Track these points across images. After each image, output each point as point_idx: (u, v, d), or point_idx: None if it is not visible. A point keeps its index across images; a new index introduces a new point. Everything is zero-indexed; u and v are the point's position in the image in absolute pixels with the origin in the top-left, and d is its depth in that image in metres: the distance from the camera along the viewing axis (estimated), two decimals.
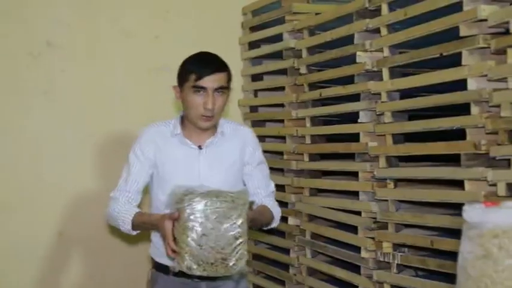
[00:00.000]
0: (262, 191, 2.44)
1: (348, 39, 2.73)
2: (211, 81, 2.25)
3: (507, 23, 2.01)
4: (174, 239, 2.05)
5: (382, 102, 2.56)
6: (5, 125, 3.29)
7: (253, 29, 3.53)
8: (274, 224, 2.46)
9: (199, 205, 2.00)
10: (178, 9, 3.56)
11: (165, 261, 2.27)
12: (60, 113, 3.36)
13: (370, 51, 2.62)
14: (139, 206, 2.37)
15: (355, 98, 2.73)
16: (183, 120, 2.38)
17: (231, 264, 2.03)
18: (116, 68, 3.46)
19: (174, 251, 2.06)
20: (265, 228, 2.49)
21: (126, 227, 2.29)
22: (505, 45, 2.02)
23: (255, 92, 3.53)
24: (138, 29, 3.49)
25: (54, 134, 3.36)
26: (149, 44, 3.50)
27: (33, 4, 3.31)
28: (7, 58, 3.29)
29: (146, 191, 2.43)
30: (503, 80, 2.03)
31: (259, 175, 2.45)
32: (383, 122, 2.57)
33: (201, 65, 2.28)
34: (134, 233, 2.32)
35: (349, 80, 2.76)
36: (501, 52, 2.05)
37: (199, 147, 2.34)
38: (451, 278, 1.38)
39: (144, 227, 2.30)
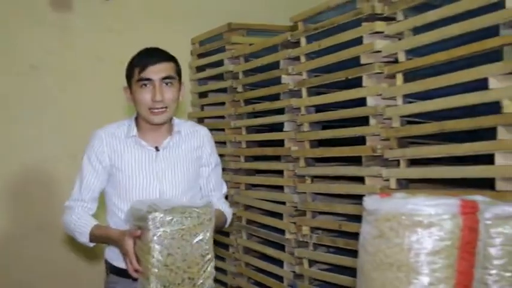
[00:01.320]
0: (217, 193, 2.02)
1: (275, 65, 2.72)
2: (156, 71, 1.77)
3: (396, 54, 2.05)
4: (137, 258, 1.63)
5: (302, 115, 2.56)
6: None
7: (200, 55, 3.48)
8: (227, 225, 2.05)
9: (164, 224, 1.56)
10: (141, 39, 3.44)
11: (124, 264, 1.72)
12: (44, 121, 3.27)
13: (292, 74, 2.62)
14: (95, 212, 1.93)
15: (280, 111, 2.72)
16: (138, 121, 1.87)
17: (198, 283, 1.61)
18: (88, 86, 3.35)
19: (137, 271, 1.63)
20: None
21: (83, 239, 1.82)
22: (394, 71, 2.06)
23: (202, 107, 3.48)
24: (107, 54, 3.38)
25: (40, 138, 3.26)
26: (116, 67, 3.41)
27: (19, 33, 3.19)
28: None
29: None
30: (394, 98, 2.06)
31: (215, 177, 2.00)
32: (302, 131, 2.56)
33: (144, 56, 1.81)
34: (91, 245, 1.84)
35: (275, 97, 2.75)
36: (392, 76, 2.08)
37: (156, 148, 1.86)
38: (354, 253, 1.37)
39: (101, 240, 1.83)
